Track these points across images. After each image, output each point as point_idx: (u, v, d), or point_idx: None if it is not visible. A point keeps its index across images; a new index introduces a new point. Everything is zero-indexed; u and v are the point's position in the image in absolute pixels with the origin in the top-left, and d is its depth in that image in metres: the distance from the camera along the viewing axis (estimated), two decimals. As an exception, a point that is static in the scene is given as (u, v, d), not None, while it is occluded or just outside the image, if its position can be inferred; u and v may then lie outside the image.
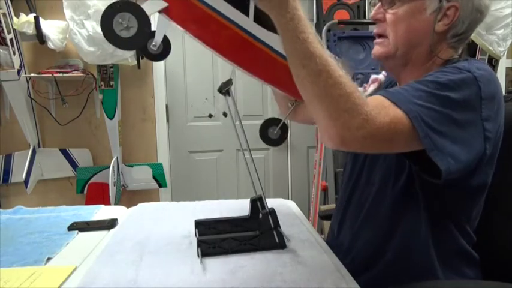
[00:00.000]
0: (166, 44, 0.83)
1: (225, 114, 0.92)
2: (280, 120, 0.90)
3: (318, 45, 0.69)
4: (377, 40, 0.90)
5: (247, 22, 0.81)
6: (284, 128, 0.89)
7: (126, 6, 0.73)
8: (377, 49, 0.90)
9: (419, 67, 0.88)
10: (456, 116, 0.73)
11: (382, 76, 0.95)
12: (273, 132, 0.90)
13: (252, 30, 0.82)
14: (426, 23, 0.83)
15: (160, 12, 0.77)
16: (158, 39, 0.81)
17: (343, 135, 0.68)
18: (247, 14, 0.81)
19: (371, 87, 0.98)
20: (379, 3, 0.89)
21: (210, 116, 2.63)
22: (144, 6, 0.75)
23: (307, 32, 0.70)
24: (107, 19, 0.72)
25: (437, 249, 0.85)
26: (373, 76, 0.98)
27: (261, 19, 0.81)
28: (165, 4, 0.76)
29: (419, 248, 0.86)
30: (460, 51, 0.90)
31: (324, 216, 1.54)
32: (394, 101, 0.71)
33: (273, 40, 0.83)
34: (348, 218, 1.01)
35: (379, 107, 0.70)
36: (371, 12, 0.92)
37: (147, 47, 0.85)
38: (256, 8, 0.79)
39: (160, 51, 0.85)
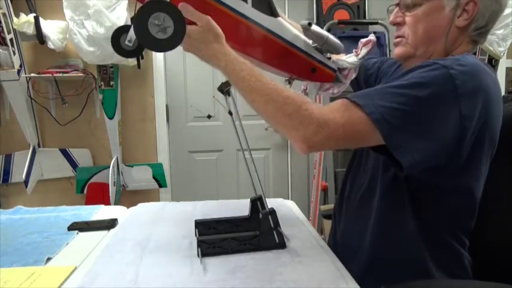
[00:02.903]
0: None
1: (230, 113, 0.93)
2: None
3: (258, 77, 0.79)
4: (395, 40, 0.93)
5: (246, 8, 0.85)
6: None
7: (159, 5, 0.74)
8: (397, 50, 0.93)
9: None
10: (424, 113, 0.75)
11: (373, 37, 0.96)
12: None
13: (250, 15, 0.85)
14: (445, 20, 0.86)
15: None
16: (133, 34, 0.82)
17: (307, 143, 0.76)
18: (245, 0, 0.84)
19: (363, 50, 0.99)
20: (397, 8, 0.91)
21: (209, 116, 2.63)
22: None
23: (245, 69, 0.80)
24: (142, 22, 0.73)
25: (426, 244, 0.86)
26: (363, 39, 0.98)
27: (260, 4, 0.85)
28: None
29: (407, 241, 0.86)
30: (479, 45, 0.91)
31: (327, 215, 1.54)
32: (358, 103, 0.76)
33: (268, 22, 0.88)
34: (343, 206, 1.02)
35: (333, 111, 0.77)
36: (389, 17, 0.94)
37: (120, 43, 0.86)
38: None
39: (134, 48, 0.85)
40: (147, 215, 1.18)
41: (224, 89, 0.90)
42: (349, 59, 1.00)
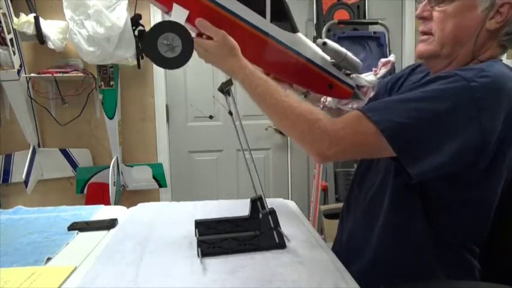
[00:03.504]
0: None
1: (230, 113, 0.94)
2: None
3: (273, 93, 0.81)
4: (421, 37, 0.88)
5: (263, 23, 0.86)
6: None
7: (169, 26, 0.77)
8: (421, 46, 0.88)
9: (461, 66, 0.84)
10: (439, 127, 0.73)
11: (393, 58, 0.96)
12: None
13: (268, 30, 0.87)
14: (476, 20, 0.80)
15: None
16: None
17: (320, 156, 0.80)
18: (264, 15, 0.86)
19: (382, 70, 0.99)
20: (426, 1, 0.86)
21: (211, 117, 2.63)
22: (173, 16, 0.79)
23: (259, 84, 0.82)
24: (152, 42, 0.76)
25: (436, 251, 0.85)
26: (383, 59, 0.98)
27: (278, 19, 0.86)
28: (186, 12, 0.79)
29: (415, 247, 0.86)
30: (507, 50, 0.87)
31: (328, 215, 1.54)
32: (372, 118, 0.75)
33: (286, 37, 0.89)
34: (352, 205, 1.01)
35: (346, 127, 0.78)
36: (417, 10, 0.89)
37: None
38: (272, 8, 0.86)
39: None
40: (147, 215, 1.18)
41: (224, 89, 0.90)
42: (367, 78, 1.01)
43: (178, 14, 0.79)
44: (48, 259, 0.87)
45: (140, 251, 0.88)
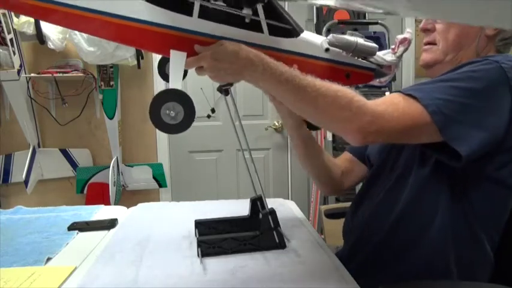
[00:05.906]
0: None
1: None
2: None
3: (301, 76, 0.75)
4: (425, 47, 0.95)
5: (263, 38, 0.80)
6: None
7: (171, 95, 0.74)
8: (425, 56, 0.96)
9: None
10: (478, 104, 0.77)
11: (409, 35, 0.95)
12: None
13: (269, 44, 0.81)
14: (476, 28, 0.88)
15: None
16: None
17: (362, 133, 0.75)
18: (260, 30, 0.80)
19: (401, 48, 0.97)
20: None
21: (208, 116, 2.62)
22: (172, 75, 0.77)
23: (284, 71, 0.74)
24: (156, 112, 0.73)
25: (454, 241, 0.84)
26: (399, 36, 0.97)
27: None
28: (184, 53, 0.77)
29: (433, 235, 0.85)
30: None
31: (329, 215, 1.53)
32: (414, 96, 0.77)
33: (289, 44, 0.84)
34: (360, 205, 1.01)
35: (387, 103, 0.77)
36: (421, 24, 0.96)
37: (165, 71, 0.88)
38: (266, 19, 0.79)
39: None
40: (147, 215, 1.18)
41: (223, 88, 0.90)
42: (387, 58, 0.97)
43: (177, 58, 0.78)
44: (48, 259, 0.87)
45: (140, 251, 0.88)
